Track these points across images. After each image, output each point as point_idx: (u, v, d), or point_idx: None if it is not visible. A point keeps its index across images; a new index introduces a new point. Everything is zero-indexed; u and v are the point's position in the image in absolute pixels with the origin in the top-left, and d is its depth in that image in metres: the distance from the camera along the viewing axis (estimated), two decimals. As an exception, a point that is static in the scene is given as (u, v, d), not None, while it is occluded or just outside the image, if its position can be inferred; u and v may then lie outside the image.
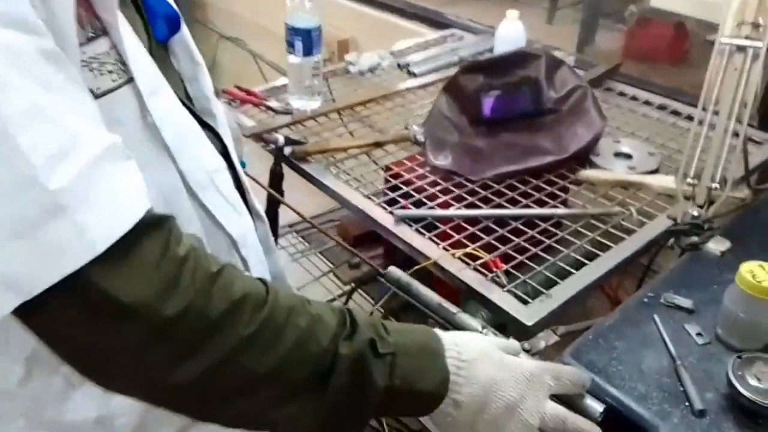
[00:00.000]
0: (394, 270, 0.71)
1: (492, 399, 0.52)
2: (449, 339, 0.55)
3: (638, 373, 0.68)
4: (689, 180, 0.86)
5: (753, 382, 0.61)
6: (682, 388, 0.65)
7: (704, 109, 0.87)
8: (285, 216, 1.46)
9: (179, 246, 0.43)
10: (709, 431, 0.61)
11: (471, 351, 0.54)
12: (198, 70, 0.64)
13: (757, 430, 0.60)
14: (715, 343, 0.71)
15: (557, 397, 0.57)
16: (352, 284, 1.33)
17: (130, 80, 0.50)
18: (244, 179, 0.67)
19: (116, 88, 0.49)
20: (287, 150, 1.08)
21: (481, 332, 0.62)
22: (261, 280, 0.48)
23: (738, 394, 0.61)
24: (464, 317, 0.63)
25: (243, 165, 0.83)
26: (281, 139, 1.07)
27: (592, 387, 0.66)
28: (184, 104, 0.57)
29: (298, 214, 0.88)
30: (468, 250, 0.85)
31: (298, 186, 1.10)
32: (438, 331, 0.56)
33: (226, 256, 0.57)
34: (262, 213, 0.70)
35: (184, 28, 0.62)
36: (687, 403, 0.64)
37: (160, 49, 0.59)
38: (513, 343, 0.60)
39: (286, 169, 1.12)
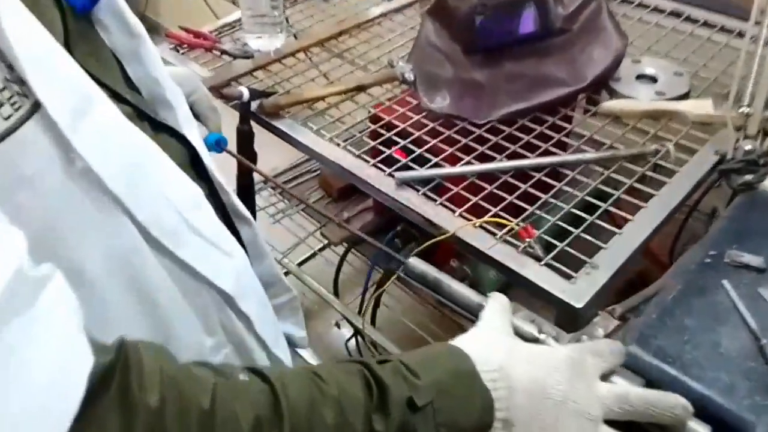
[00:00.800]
0: (416, 262, 0.57)
1: (539, 402, 0.43)
2: (472, 348, 0.44)
3: (718, 358, 0.57)
4: (743, 109, 0.73)
5: None
6: (773, 373, 0.55)
7: (757, 22, 0.72)
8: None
9: (145, 389, 0.29)
10: (816, 426, 0.51)
11: (496, 354, 0.44)
12: (138, 44, 0.46)
13: None
14: (799, 309, 0.60)
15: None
16: (344, 245, 1.20)
17: (36, 107, 0.32)
18: (225, 189, 0.51)
19: (13, 129, 0.30)
20: (255, 105, 0.91)
21: (538, 339, 0.50)
22: (258, 372, 0.34)
23: None
24: (516, 322, 0.50)
25: (224, 142, 0.67)
26: (246, 93, 0.89)
27: (667, 381, 0.56)
28: (128, 103, 0.39)
29: (275, 183, 0.72)
30: (489, 217, 0.71)
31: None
32: (457, 343, 0.45)
33: (216, 314, 0.41)
34: (248, 215, 0.55)
35: None
36: (783, 392, 0.54)
37: (81, 24, 0.41)
38: (498, 299, 0.50)
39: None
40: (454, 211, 0.73)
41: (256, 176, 1.40)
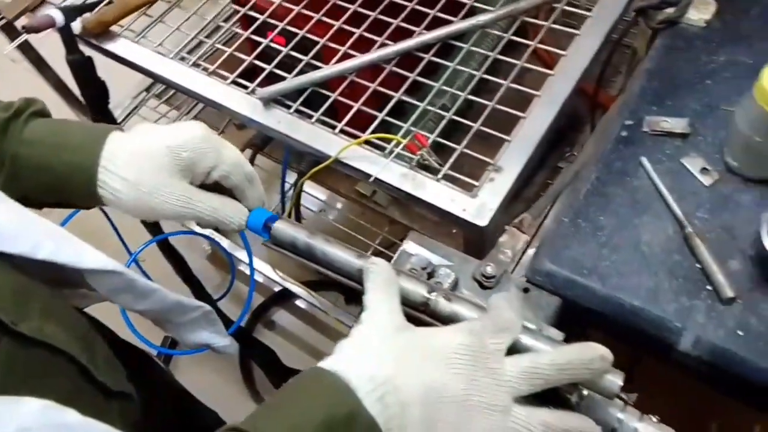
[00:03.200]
0: (282, 228, 0.47)
1: (436, 411, 0.36)
2: (354, 368, 0.36)
3: (640, 259, 0.51)
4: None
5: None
6: (699, 265, 0.49)
7: None
8: (130, 80, 1.12)
9: None
10: (745, 320, 0.46)
11: (383, 364, 0.36)
12: None
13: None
14: (727, 178, 0.53)
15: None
16: (251, 149, 1.07)
17: None
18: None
19: None
20: (77, 27, 0.73)
21: (429, 300, 0.42)
22: None
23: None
24: (405, 285, 0.42)
25: (273, 221, 0.49)
26: (58, 16, 0.70)
27: (585, 296, 0.50)
28: None
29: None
30: (371, 133, 0.60)
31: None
32: (335, 363, 0.37)
33: None
34: (113, 266, 0.43)
35: None
36: (709, 287, 0.48)
37: None
38: (380, 271, 0.41)
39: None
40: (334, 128, 0.62)
41: (138, 85, 1.23)
